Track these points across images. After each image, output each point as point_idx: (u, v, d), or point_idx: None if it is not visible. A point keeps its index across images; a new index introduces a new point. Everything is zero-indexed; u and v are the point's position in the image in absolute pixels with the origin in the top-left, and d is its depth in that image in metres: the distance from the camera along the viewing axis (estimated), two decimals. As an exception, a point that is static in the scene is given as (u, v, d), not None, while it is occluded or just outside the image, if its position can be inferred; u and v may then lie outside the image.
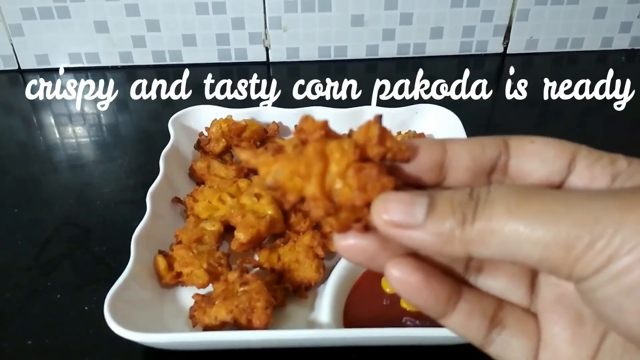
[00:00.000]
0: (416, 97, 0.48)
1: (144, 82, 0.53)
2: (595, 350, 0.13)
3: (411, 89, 0.52)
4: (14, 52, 0.53)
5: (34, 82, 0.53)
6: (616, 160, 0.13)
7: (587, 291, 0.11)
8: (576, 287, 0.12)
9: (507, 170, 0.14)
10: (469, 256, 0.12)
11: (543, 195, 0.12)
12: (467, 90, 0.50)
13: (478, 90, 0.51)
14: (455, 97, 0.50)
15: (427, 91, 0.51)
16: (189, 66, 0.55)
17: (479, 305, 0.14)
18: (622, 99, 0.49)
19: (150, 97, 0.51)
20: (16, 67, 0.54)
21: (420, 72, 0.55)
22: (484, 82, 0.53)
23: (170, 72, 0.55)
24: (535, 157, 0.13)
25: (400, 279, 0.13)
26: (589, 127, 0.47)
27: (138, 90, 0.50)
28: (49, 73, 0.54)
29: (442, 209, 0.12)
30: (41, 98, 0.51)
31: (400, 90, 0.49)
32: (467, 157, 0.14)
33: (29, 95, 0.51)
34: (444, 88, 0.52)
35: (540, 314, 0.14)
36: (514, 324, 0.14)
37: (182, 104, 0.41)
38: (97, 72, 0.54)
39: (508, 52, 0.57)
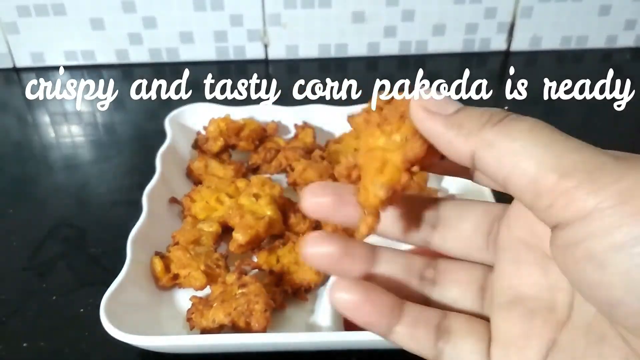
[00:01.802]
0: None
1: (141, 80, 0.52)
2: (549, 343, 0.13)
3: (413, 86, 0.51)
4: (9, 50, 0.53)
5: (29, 80, 0.52)
6: None
7: (563, 241, 0.11)
8: (552, 235, 0.12)
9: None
10: (473, 162, 0.13)
11: (563, 135, 0.12)
12: (469, 89, 0.50)
13: (480, 89, 0.51)
14: (457, 95, 0.50)
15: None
16: (186, 64, 0.54)
17: (423, 315, 0.15)
18: (626, 97, 0.48)
19: (147, 95, 0.50)
20: (11, 66, 0.54)
21: (423, 71, 0.54)
22: (485, 81, 0.53)
23: (167, 70, 0.54)
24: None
25: (342, 298, 0.14)
26: (592, 126, 0.46)
27: (134, 89, 0.49)
28: (45, 71, 0.53)
29: (472, 110, 0.13)
30: (36, 97, 0.50)
31: (401, 89, 0.49)
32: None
33: (24, 94, 0.50)
34: (444, 88, 0.51)
35: (492, 315, 0.14)
36: (461, 329, 0.14)
37: (179, 103, 0.41)
38: (93, 70, 0.54)
39: (511, 49, 0.56)
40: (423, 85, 0.14)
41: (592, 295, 0.11)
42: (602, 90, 0.49)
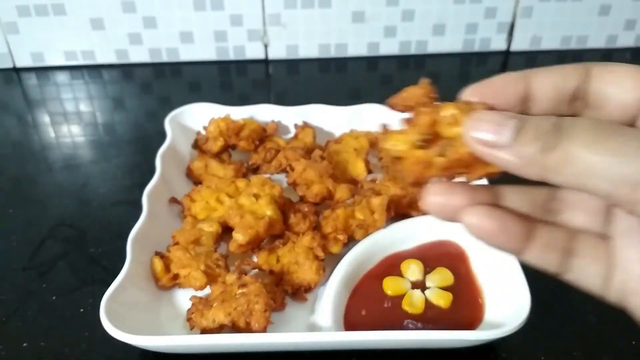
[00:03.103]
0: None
1: (141, 80, 0.52)
2: None
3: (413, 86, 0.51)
4: (9, 50, 0.53)
5: (29, 80, 0.52)
6: None
7: None
8: None
9: (587, 97, 0.15)
10: (544, 180, 0.13)
11: (619, 134, 0.12)
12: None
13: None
14: (458, 95, 0.50)
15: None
16: (186, 64, 0.54)
17: (553, 239, 0.16)
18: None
19: (147, 95, 0.50)
20: (11, 65, 0.54)
21: (423, 70, 0.54)
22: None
23: (167, 70, 0.54)
24: (612, 86, 0.14)
25: (477, 225, 0.15)
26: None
27: (134, 88, 0.49)
28: (45, 71, 0.53)
29: (528, 134, 0.13)
30: (36, 96, 0.50)
31: (402, 88, 0.49)
32: (550, 88, 0.15)
33: (24, 94, 0.50)
34: (447, 86, 0.51)
35: (615, 240, 0.15)
36: (587, 252, 0.16)
37: (179, 103, 0.41)
38: (93, 70, 0.54)
39: (511, 49, 0.56)
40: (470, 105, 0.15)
41: None
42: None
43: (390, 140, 0.17)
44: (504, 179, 0.16)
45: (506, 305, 0.26)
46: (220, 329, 0.26)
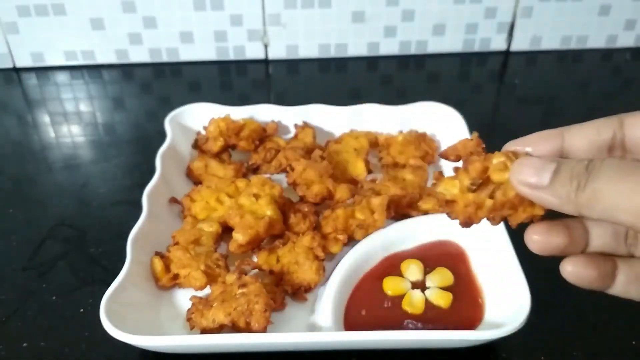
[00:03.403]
0: (418, 95, 0.48)
1: (141, 80, 0.52)
2: None
3: (413, 86, 0.52)
4: (9, 50, 0.53)
5: (29, 80, 0.52)
6: None
7: None
8: None
9: (624, 145, 0.17)
10: (580, 215, 0.15)
11: (638, 172, 0.14)
12: (470, 88, 0.50)
13: (481, 88, 0.51)
14: (458, 95, 0.50)
15: (430, 89, 0.51)
16: (186, 64, 0.54)
17: (633, 270, 0.18)
18: (626, 97, 0.48)
19: (147, 95, 0.50)
20: (11, 65, 0.54)
21: (423, 70, 0.54)
22: (487, 80, 0.53)
23: (167, 69, 0.54)
24: None
25: (576, 273, 0.17)
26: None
27: (134, 88, 0.49)
28: (45, 71, 0.53)
29: (563, 176, 0.15)
30: (36, 96, 0.50)
31: (402, 88, 0.49)
32: (584, 142, 0.17)
33: (24, 94, 0.50)
34: (447, 86, 0.51)
35: None
36: None
37: (179, 102, 0.41)
38: (93, 70, 0.54)
39: (511, 49, 0.56)
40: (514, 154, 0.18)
41: None
42: (604, 88, 0.49)
43: (443, 185, 0.19)
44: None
45: (506, 305, 0.26)
46: (220, 329, 0.26)
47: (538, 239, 0.18)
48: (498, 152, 0.18)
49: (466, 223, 0.18)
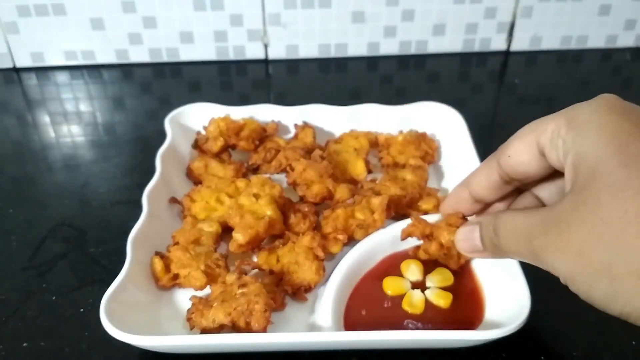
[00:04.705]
0: (418, 95, 0.48)
1: (141, 80, 0.52)
2: None
3: (413, 86, 0.52)
4: (9, 50, 0.53)
5: (29, 80, 0.52)
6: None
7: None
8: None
9: (512, 178, 0.23)
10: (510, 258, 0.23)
11: (531, 218, 0.20)
12: (470, 88, 0.50)
13: (481, 88, 0.51)
14: (458, 95, 0.50)
15: (430, 89, 0.51)
16: (186, 64, 0.54)
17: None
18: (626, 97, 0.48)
19: (147, 95, 0.50)
20: (11, 66, 0.54)
21: (423, 70, 0.54)
22: (487, 80, 0.53)
23: (167, 69, 0.54)
24: (518, 165, 0.22)
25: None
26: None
27: (134, 88, 0.49)
28: (45, 71, 0.53)
29: (484, 236, 0.23)
30: (36, 96, 0.50)
31: (402, 88, 0.49)
32: (485, 184, 0.23)
33: (24, 94, 0.50)
34: (447, 86, 0.51)
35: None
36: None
37: (179, 102, 0.41)
38: (93, 70, 0.54)
39: (511, 49, 0.56)
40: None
41: None
42: (604, 88, 0.48)
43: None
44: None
45: (506, 305, 0.26)
46: (220, 329, 0.26)
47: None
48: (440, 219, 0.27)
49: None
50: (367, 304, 0.27)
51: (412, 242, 0.30)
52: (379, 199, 0.31)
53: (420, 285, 0.28)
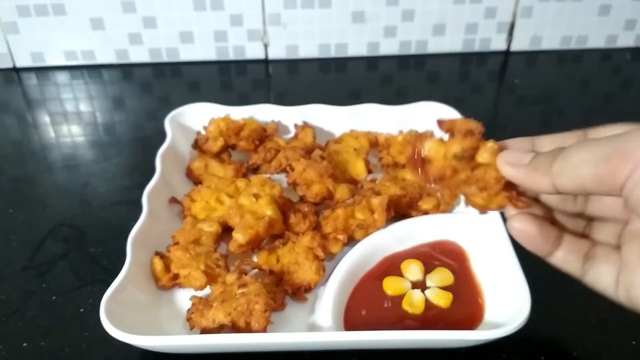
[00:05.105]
0: (418, 95, 0.48)
1: (141, 80, 0.52)
2: None
3: (413, 86, 0.52)
4: (9, 50, 0.53)
5: (29, 80, 0.52)
6: None
7: (627, 196, 0.17)
8: (623, 197, 0.17)
9: None
10: (556, 188, 0.19)
11: (597, 139, 0.18)
12: (470, 88, 0.50)
13: (481, 88, 0.51)
14: (458, 95, 0.50)
15: (430, 89, 0.51)
16: (186, 64, 0.54)
17: (577, 245, 0.21)
18: (626, 97, 0.48)
19: (147, 95, 0.50)
20: (11, 66, 0.54)
21: (423, 70, 0.54)
22: (487, 80, 0.53)
23: (167, 69, 0.54)
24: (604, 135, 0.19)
25: (520, 229, 0.21)
26: (593, 126, 0.46)
27: (134, 88, 0.49)
28: (45, 71, 0.53)
29: (542, 155, 0.19)
30: (36, 96, 0.50)
31: (402, 88, 0.49)
32: (551, 145, 0.20)
33: (24, 94, 0.50)
34: (447, 86, 0.51)
35: (621, 247, 0.20)
36: (603, 256, 0.20)
37: (179, 102, 0.41)
38: (93, 70, 0.54)
39: (511, 49, 0.56)
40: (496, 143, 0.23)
41: None
42: (604, 89, 0.49)
43: (430, 144, 0.22)
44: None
45: (506, 305, 0.26)
46: (220, 329, 0.26)
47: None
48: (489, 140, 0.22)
49: (433, 180, 0.21)
50: (367, 304, 0.27)
51: (412, 242, 0.30)
52: (379, 199, 0.31)
53: (420, 285, 0.28)
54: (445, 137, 0.24)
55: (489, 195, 0.21)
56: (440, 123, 0.25)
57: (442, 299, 0.27)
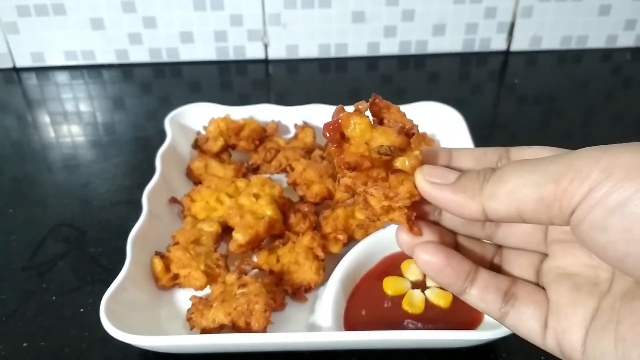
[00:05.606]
0: (418, 95, 0.48)
1: (141, 80, 0.52)
2: (593, 310, 0.15)
3: (413, 86, 0.52)
4: (9, 50, 0.53)
5: (29, 80, 0.52)
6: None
7: (577, 224, 0.14)
8: (570, 225, 0.14)
9: None
10: (485, 214, 0.15)
11: (538, 159, 0.15)
12: (470, 88, 0.50)
13: (481, 88, 0.51)
14: (458, 95, 0.50)
15: (430, 89, 0.51)
16: (186, 64, 0.54)
17: (494, 281, 0.17)
18: (626, 97, 0.48)
19: (147, 95, 0.50)
20: (11, 66, 0.54)
21: (423, 70, 0.54)
22: (487, 80, 0.53)
23: (167, 69, 0.54)
24: (531, 157, 0.16)
25: (426, 259, 0.17)
26: (593, 126, 0.46)
27: (134, 88, 0.49)
28: (45, 71, 0.53)
29: (470, 174, 0.16)
30: (36, 96, 0.50)
31: (402, 88, 0.49)
32: (470, 159, 0.17)
33: (24, 94, 0.50)
34: (447, 86, 0.51)
35: (546, 287, 0.17)
36: (525, 296, 0.17)
37: (179, 102, 0.41)
38: (93, 70, 0.54)
39: (511, 49, 0.56)
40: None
41: (606, 255, 0.14)
42: (603, 89, 0.49)
43: (356, 120, 0.18)
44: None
45: (506, 305, 0.26)
46: (220, 329, 0.26)
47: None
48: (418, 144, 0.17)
49: (345, 165, 0.17)
50: (367, 304, 0.27)
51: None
52: (379, 199, 0.31)
53: (420, 285, 0.28)
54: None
55: (389, 206, 0.17)
56: (373, 102, 0.19)
57: (442, 299, 0.27)
